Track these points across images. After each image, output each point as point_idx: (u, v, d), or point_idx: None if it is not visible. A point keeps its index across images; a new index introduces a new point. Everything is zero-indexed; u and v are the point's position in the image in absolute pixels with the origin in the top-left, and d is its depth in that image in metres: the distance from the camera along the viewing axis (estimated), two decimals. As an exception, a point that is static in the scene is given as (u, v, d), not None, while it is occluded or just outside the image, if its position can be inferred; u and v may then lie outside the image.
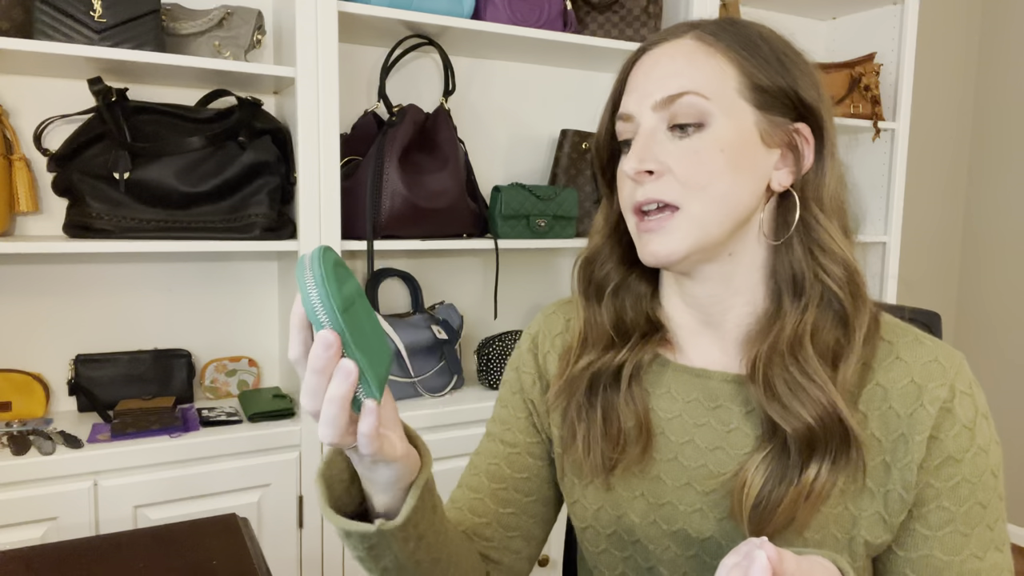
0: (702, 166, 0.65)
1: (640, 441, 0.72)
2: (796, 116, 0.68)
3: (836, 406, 0.63)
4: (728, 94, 0.66)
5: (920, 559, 0.66)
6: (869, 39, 2.20)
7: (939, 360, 0.67)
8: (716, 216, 0.66)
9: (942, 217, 2.75)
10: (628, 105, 0.70)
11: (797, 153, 0.69)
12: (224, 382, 1.59)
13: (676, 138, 0.67)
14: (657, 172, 0.66)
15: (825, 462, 0.63)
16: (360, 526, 0.58)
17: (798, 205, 0.68)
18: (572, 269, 0.80)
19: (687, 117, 0.66)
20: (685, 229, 0.66)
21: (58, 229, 1.41)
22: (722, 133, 0.66)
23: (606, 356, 0.73)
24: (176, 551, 0.92)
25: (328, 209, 1.44)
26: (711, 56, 0.67)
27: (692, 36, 0.69)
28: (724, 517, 0.69)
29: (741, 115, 0.67)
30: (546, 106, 1.90)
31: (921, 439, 0.64)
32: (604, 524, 0.75)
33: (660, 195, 0.66)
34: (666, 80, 0.67)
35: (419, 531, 0.60)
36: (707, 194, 0.66)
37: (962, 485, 0.65)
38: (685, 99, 0.66)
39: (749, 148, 0.67)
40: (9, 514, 1.21)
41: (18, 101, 1.41)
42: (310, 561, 1.47)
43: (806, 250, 0.68)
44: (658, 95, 0.67)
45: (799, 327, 0.66)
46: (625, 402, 0.72)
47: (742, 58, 0.67)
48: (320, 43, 1.40)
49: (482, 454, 0.83)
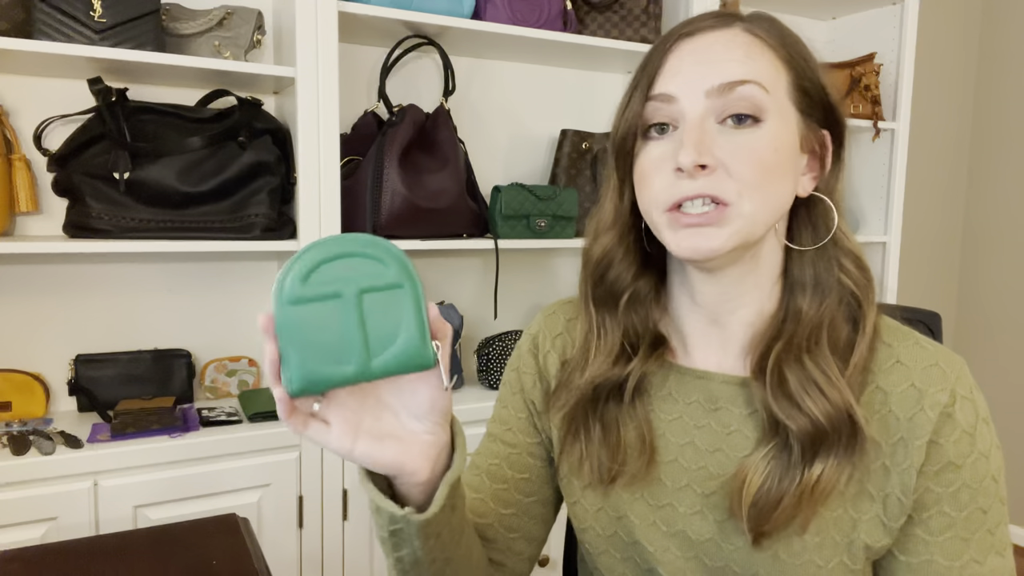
0: (759, 164, 0.63)
1: (643, 456, 0.71)
2: (824, 123, 0.69)
3: (849, 404, 0.64)
4: (781, 93, 0.65)
5: (921, 564, 0.65)
6: (869, 39, 2.20)
7: (940, 364, 0.66)
8: (763, 216, 0.65)
9: (942, 217, 2.75)
10: (670, 87, 0.65)
11: (818, 159, 0.70)
12: (224, 382, 1.59)
13: (728, 132, 0.64)
14: (710, 167, 0.63)
15: (831, 460, 0.64)
16: (390, 505, 0.57)
17: (834, 213, 0.69)
18: (581, 272, 0.76)
19: (744, 109, 0.63)
20: (734, 227, 0.63)
21: (58, 229, 1.41)
22: (776, 132, 0.64)
23: (614, 369, 0.72)
24: (176, 551, 0.92)
25: (328, 209, 1.44)
26: (766, 51, 0.65)
27: (742, 28, 0.66)
28: (724, 519, 0.69)
29: (789, 116, 0.66)
30: (546, 106, 1.90)
31: (921, 443, 0.64)
32: (604, 525, 0.75)
33: (713, 191, 0.63)
34: (725, 65, 0.63)
35: (439, 529, 0.60)
36: (759, 193, 0.63)
37: (963, 491, 0.64)
38: (746, 88, 0.63)
39: (793, 151, 0.66)
40: (9, 514, 1.21)
41: (18, 101, 1.41)
42: (310, 561, 1.47)
43: (829, 253, 0.69)
44: (716, 80, 0.63)
45: (817, 325, 0.67)
46: (628, 415, 0.72)
47: (792, 60, 0.66)
48: (320, 43, 1.40)
49: (483, 454, 0.83)
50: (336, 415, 0.56)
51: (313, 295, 0.52)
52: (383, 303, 0.53)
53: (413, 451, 0.57)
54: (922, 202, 2.64)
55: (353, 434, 0.56)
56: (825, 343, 0.66)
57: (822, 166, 0.70)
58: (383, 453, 0.56)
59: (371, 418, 0.57)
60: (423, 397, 0.56)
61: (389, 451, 0.56)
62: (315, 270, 0.52)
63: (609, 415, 0.72)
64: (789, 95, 0.66)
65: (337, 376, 0.53)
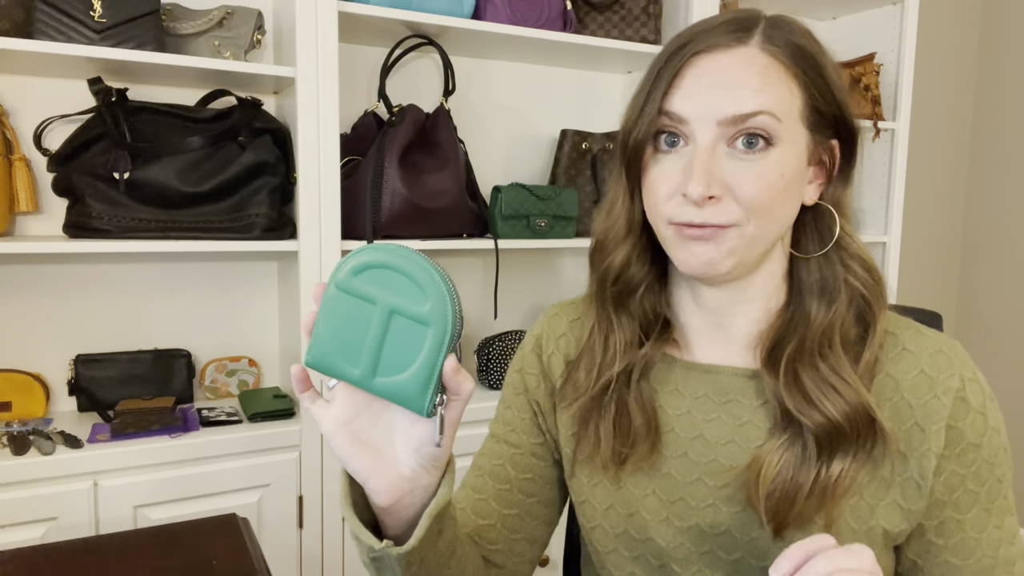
0: (766, 191, 0.64)
1: (648, 439, 0.72)
2: (834, 133, 0.69)
3: (867, 403, 0.65)
4: (793, 117, 0.65)
5: (958, 544, 0.68)
6: (869, 39, 2.19)
7: (944, 351, 0.69)
8: (766, 235, 0.66)
9: (942, 217, 2.75)
10: (685, 108, 0.64)
11: (825, 167, 0.70)
12: (224, 382, 1.59)
13: (737, 156, 0.64)
14: (718, 196, 0.64)
15: (849, 459, 0.65)
16: (369, 537, 0.57)
17: (837, 221, 0.69)
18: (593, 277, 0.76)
19: (755, 136, 0.63)
20: (736, 247, 0.65)
21: (58, 229, 1.41)
22: (784, 157, 0.64)
23: (627, 356, 0.73)
24: (176, 551, 0.92)
25: (328, 209, 1.44)
26: (782, 75, 0.64)
27: (759, 46, 0.65)
28: (739, 510, 0.69)
29: (799, 138, 0.66)
30: (546, 106, 1.90)
31: (938, 428, 0.66)
32: (613, 524, 0.75)
33: (718, 219, 0.64)
34: (740, 94, 0.63)
35: (422, 555, 0.59)
36: (764, 218, 0.65)
37: (983, 466, 0.68)
38: (759, 119, 0.63)
39: (800, 170, 0.67)
40: (9, 514, 1.21)
41: (18, 101, 1.41)
42: (310, 561, 1.47)
43: (834, 257, 0.69)
44: (730, 111, 0.63)
45: (828, 329, 0.67)
46: (635, 400, 0.73)
47: (810, 82, 0.65)
48: (320, 43, 1.40)
49: (486, 455, 0.83)
50: (341, 400, 0.56)
51: (356, 291, 0.54)
52: (407, 331, 0.53)
53: (383, 474, 0.56)
54: (922, 202, 2.64)
55: (343, 424, 0.56)
56: (838, 345, 0.67)
57: (829, 174, 0.70)
58: (355, 457, 0.56)
59: (367, 419, 0.57)
60: (415, 434, 0.56)
61: (362, 460, 0.56)
62: (369, 269, 0.54)
63: (620, 400, 0.73)
64: (801, 117, 0.66)
65: (342, 371, 0.54)
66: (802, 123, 0.66)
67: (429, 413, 0.53)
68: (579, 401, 0.75)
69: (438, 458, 0.57)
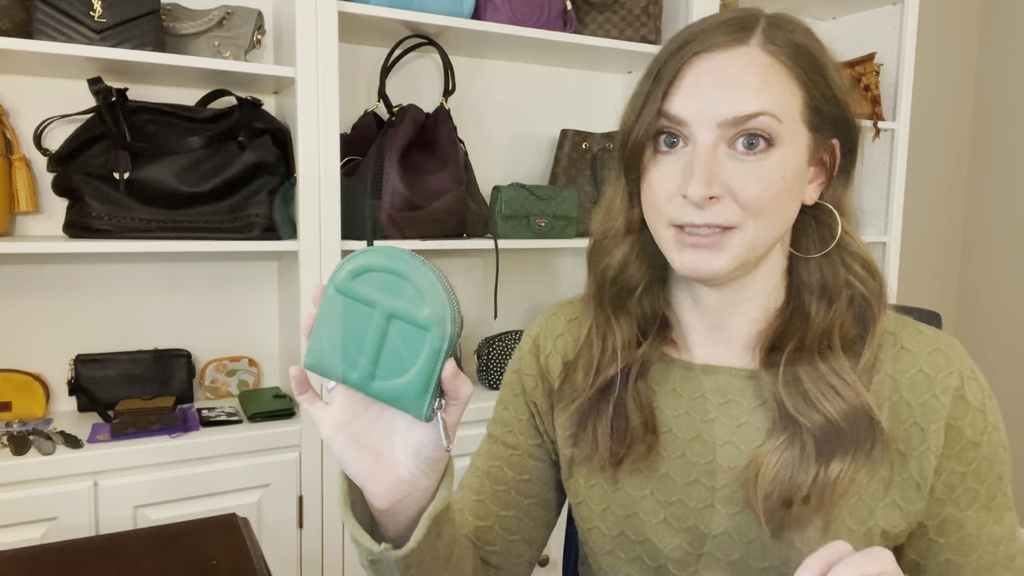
0: (766, 192, 0.63)
1: (646, 439, 0.72)
2: (835, 133, 0.69)
3: (867, 404, 0.64)
4: (794, 118, 0.65)
5: (958, 541, 0.68)
6: (869, 39, 2.19)
7: (942, 348, 0.69)
8: (766, 237, 0.66)
9: (942, 217, 2.75)
10: (684, 110, 0.64)
11: (826, 166, 0.70)
12: (224, 382, 1.59)
13: (738, 157, 0.63)
14: (718, 196, 0.63)
15: (848, 459, 0.64)
16: (368, 541, 0.57)
17: (839, 221, 0.69)
18: (591, 278, 0.76)
19: (756, 137, 0.63)
20: (737, 249, 0.65)
21: (58, 229, 1.41)
22: (786, 158, 0.64)
23: (625, 355, 0.72)
24: (176, 551, 0.92)
25: (328, 209, 1.44)
26: (783, 75, 0.64)
27: (759, 45, 0.64)
28: (737, 511, 0.69)
29: (800, 139, 0.65)
30: (546, 106, 1.90)
31: (937, 427, 0.66)
32: (610, 525, 0.75)
33: (718, 220, 0.64)
34: (740, 94, 0.62)
35: (421, 558, 0.59)
36: (765, 218, 0.64)
37: (983, 464, 0.68)
38: (759, 120, 0.62)
39: (801, 170, 0.66)
40: (9, 514, 1.21)
41: (18, 101, 1.41)
42: (310, 561, 1.47)
43: (835, 257, 0.69)
44: (730, 112, 0.62)
45: (828, 329, 0.67)
46: (633, 400, 0.72)
47: (811, 82, 0.65)
48: (320, 43, 1.40)
49: (483, 455, 0.83)
50: (340, 402, 0.56)
51: (355, 294, 0.53)
52: (406, 335, 0.53)
53: (382, 477, 0.56)
54: (922, 202, 2.64)
55: (342, 427, 0.56)
56: (838, 346, 0.67)
57: (829, 174, 0.70)
58: (354, 460, 0.56)
59: (366, 422, 0.57)
60: (414, 437, 0.56)
61: (361, 462, 0.56)
62: (368, 272, 0.53)
63: (618, 400, 0.73)
64: (802, 117, 0.65)
65: (341, 374, 0.54)
66: (803, 123, 0.66)
67: (428, 417, 0.53)
68: (577, 402, 0.75)
69: (437, 461, 0.57)
